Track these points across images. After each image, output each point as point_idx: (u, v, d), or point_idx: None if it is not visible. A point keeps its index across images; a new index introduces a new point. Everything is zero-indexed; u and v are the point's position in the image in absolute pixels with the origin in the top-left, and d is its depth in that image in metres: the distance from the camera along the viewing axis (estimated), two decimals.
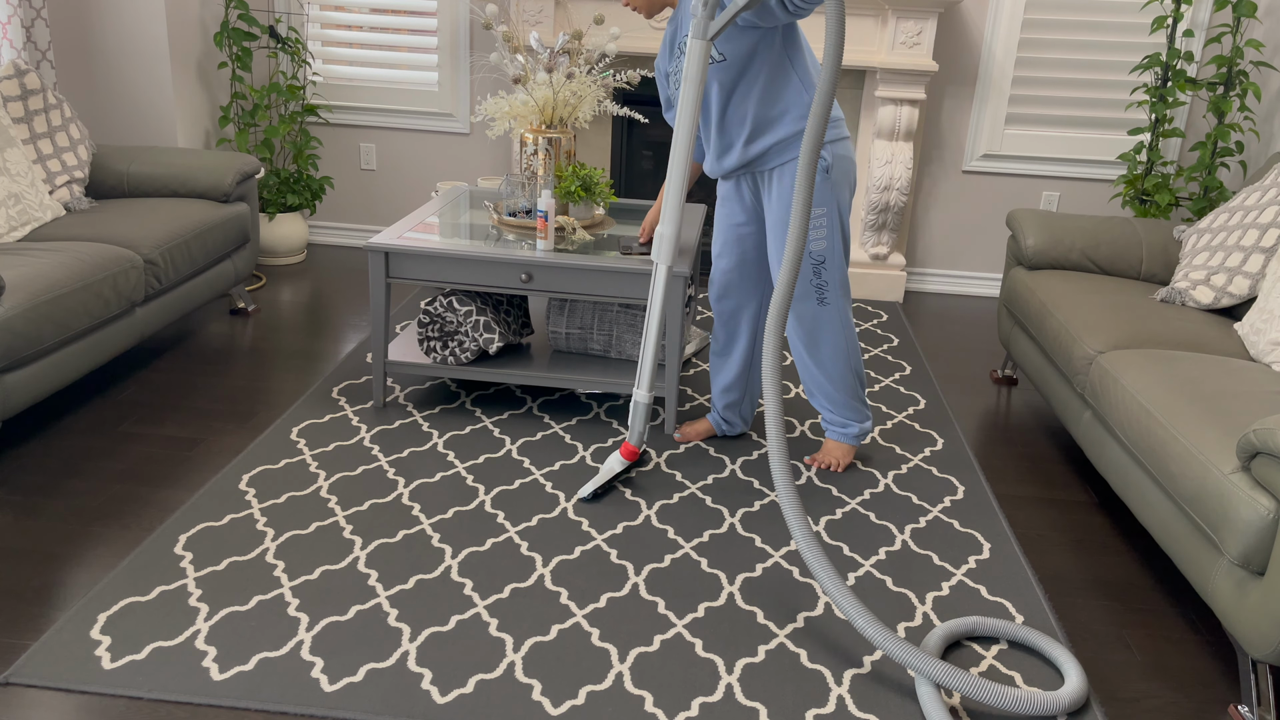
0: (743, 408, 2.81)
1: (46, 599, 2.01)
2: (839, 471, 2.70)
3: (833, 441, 2.72)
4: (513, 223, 2.99)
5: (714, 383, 2.80)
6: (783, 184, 2.44)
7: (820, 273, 2.47)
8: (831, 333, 2.54)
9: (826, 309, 2.51)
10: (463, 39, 4.37)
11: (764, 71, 2.35)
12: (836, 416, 2.67)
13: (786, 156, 2.42)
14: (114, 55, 3.95)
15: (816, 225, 2.43)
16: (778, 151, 2.42)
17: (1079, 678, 1.84)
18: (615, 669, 1.88)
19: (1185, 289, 2.83)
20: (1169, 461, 2.03)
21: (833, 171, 2.40)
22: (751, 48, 2.32)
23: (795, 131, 2.40)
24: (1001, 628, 2.01)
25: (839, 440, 2.71)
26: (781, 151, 2.42)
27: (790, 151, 2.42)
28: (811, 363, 2.59)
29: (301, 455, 2.64)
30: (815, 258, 2.45)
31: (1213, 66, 4.03)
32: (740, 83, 2.37)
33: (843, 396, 2.63)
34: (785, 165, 2.43)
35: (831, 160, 2.39)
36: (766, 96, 2.37)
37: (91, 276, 2.70)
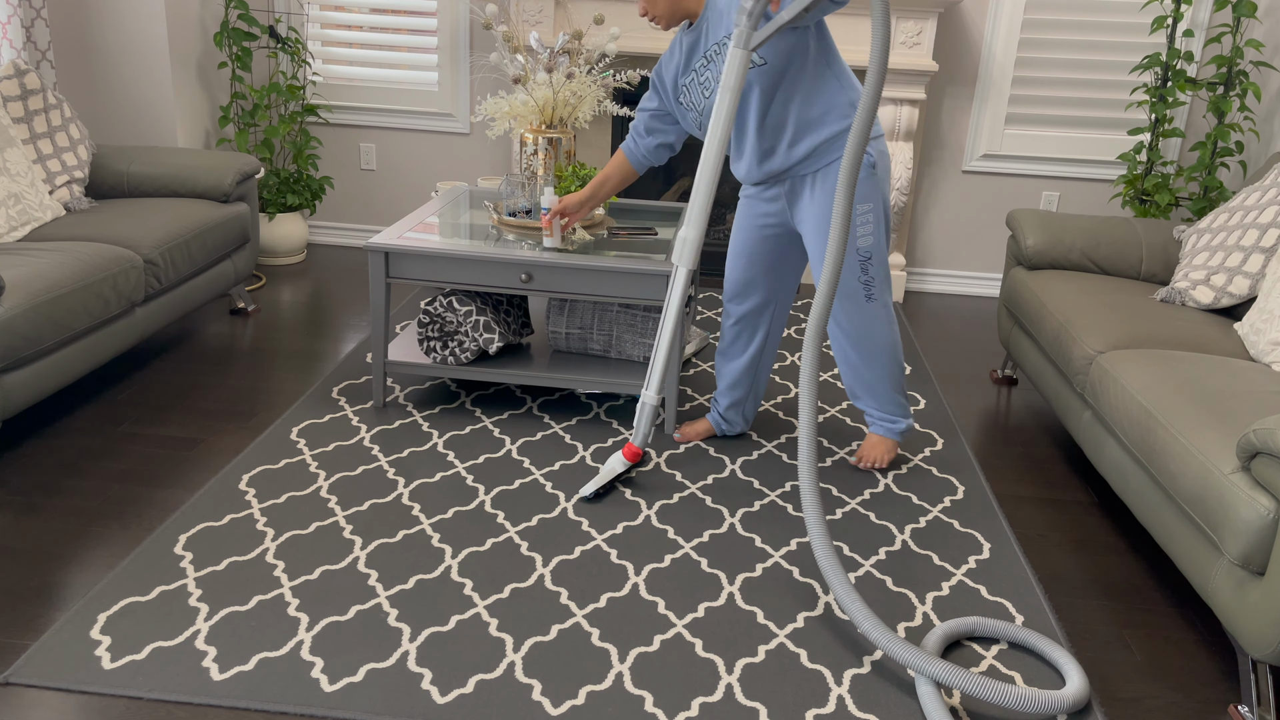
0: (746, 407, 2.81)
1: (46, 599, 2.01)
2: (883, 468, 2.71)
3: (877, 437, 2.72)
4: (513, 223, 2.99)
5: (719, 381, 2.80)
6: (826, 186, 2.43)
7: (867, 269, 2.47)
8: (879, 328, 2.54)
9: (873, 304, 2.51)
10: (463, 39, 4.38)
11: (804, 73, 2.35)
12: (883, 414, 2.68)
13: (830, 157, 2.42)
14: (114, 55, 3.95)
15: (864, 221, 2.43)
16: (821, 153, 2.42)
17: (1080, 679, 1.84)
18: (615, 669, 1.88)
19: (1185, 289, 2.83)
20: (1169, 461, 2.03)
21: (878, 167, 2.42)
22: (790, 50, 2.32)
23: (837, 131, 2.39)
24: (1002, 629, 2.01)
25: (884, 435, 2.71)
26: (825, 153, 2.42)
27: (833, 152, 2.41)
28: (860, 361, 2.59)
29: (301, 455, 2.64)
30: (862, 254, 2.46)
31: (1213, 66, 4.03)
32: (781, 86, 2.36)
33: (889, 392, 2.64)
34: (829, 167, 2.43)
35: (876, 156, 2.40)
36: (807, 98, 2.37)
37: (91, 276, 2.70)
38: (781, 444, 2.85)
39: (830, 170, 2.43)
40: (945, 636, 1.97)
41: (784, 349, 3.62)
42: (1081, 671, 1.86)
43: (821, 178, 2.44)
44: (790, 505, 2.51)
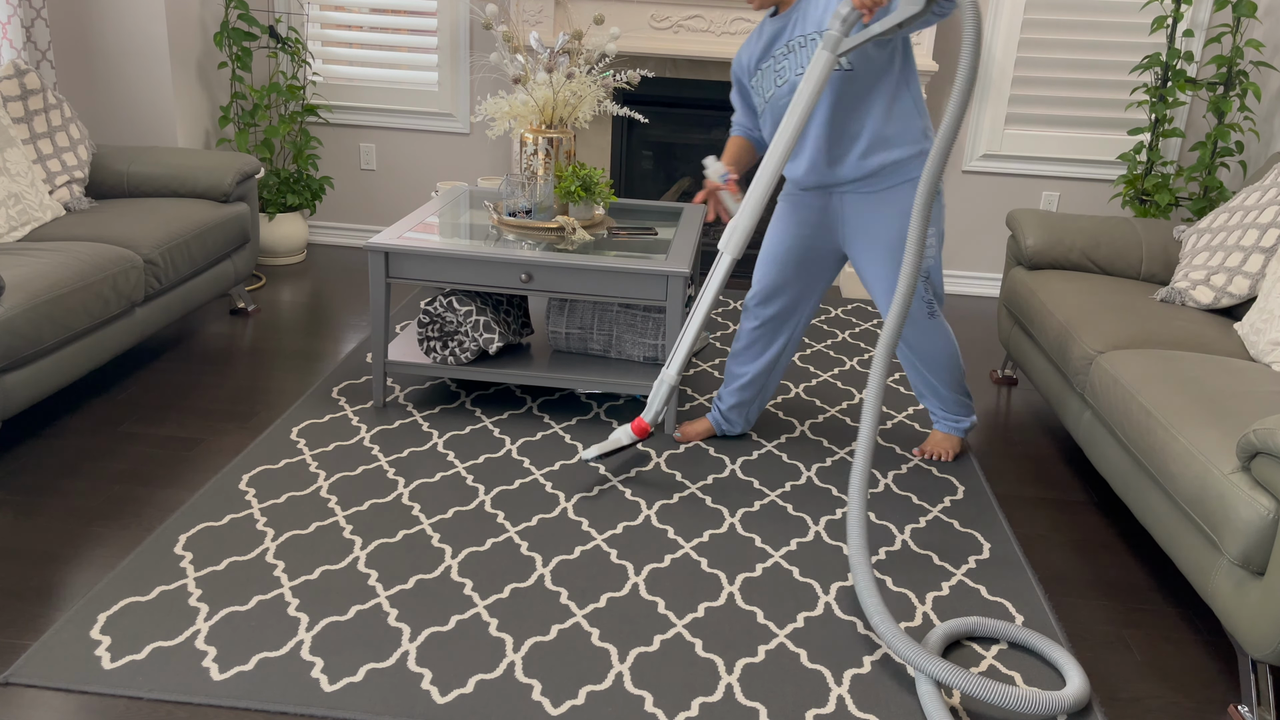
0: (751, 410, 2.82)
1: (46, 599, 2.01)
2: (948, 461, 2.79)
3: (941, 434, 2.81)
4: (513, 223, 2.99)
5: (728, 382, 2.79)
6: (887, 208, 2.46)
7: (928, 288, 2.55)
8: (940, 340, 2.63)
9: (934, 320, 2.59)
10: (463, 39, 4.38)
11: (884, 88, 2.37)
12: (947, 413, 2.78)
13: (895, 180, 2.44)
14: (114, 55, 3.95)
15: (928, 244, 2.50)
16: (889, 173, 2.43)
17: (1080, 679, 1.84)
18: (615, 669, 1.88)
19: (1185, 289, 2.83)
20: (1169, 461, 2.03)
21: (941, 193, 2.48)
22: (876, 62, 2.34)
23: (909, 155, 2.42)
24: (1002, 629, 2.01)
25: (949, 432, 2.80)
26: (892, 174, 2.43)
27: (900, 175, 2.43)
28: (927, 371, 2.68)
29: (301, 455, 2.64)
30: (924, 273, 2.52)
31: (1213, 66, 4.03)
32: (860, 95, 2.37)
33: (954, 395, 2.74)
34: (893, 189, 2.44)
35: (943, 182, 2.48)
36: (885, 114, 2.39)
37: (91, 276, 2.70)
38: (781, 444, 2.85)
39: (895, 193, 2.45)
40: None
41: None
42: (1082, 672, 1.86)
43: (886, 199, 2.46)
44: (790, 505, 2.51)
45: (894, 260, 2.49)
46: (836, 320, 3.97)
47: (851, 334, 3.82)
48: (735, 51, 4.01)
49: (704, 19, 4.03)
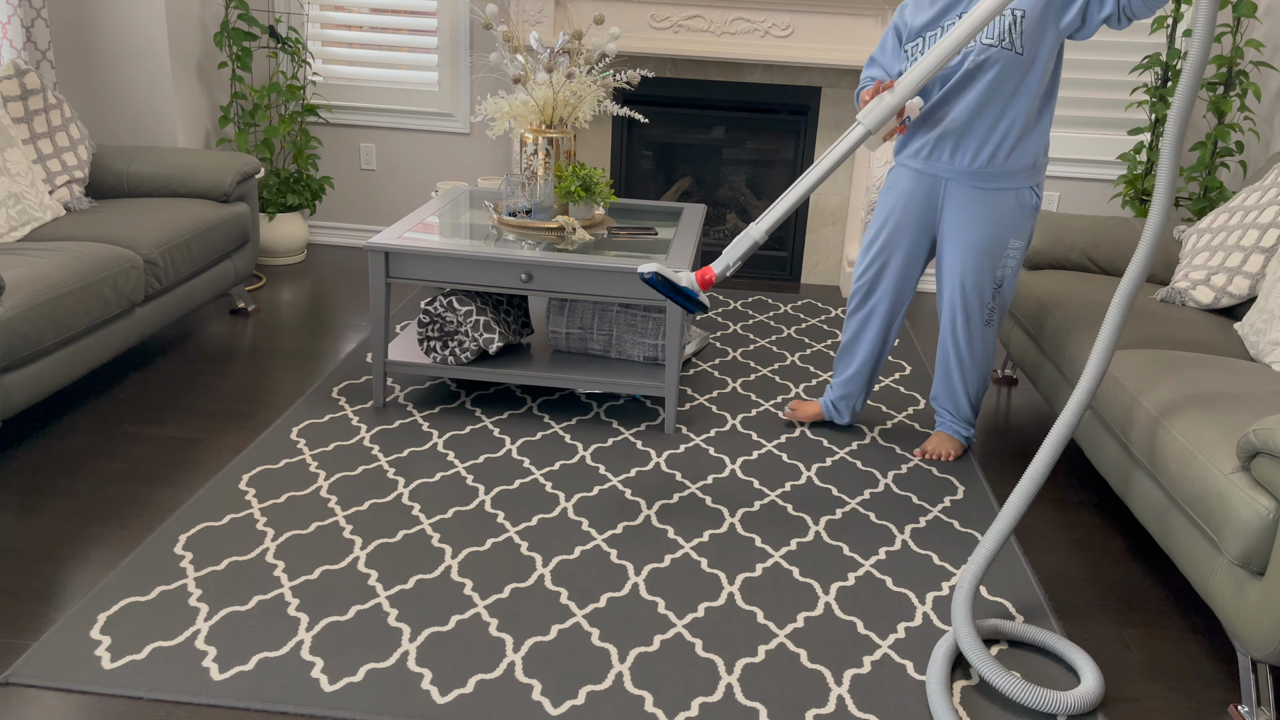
0: (856, 402, 2.92)
1: (46, 599, 2.01)
2: (948, 461, 2.79)
3: (945, 435, 2.82)
4: (513, 223, 2.99)
5: (836, 374, 2.90)
6: (994, 209, 2.51)
7: (996, 296, 2.62)
8: (984, 351, 2.70)
9: (990, 330, 2.66)
10: (463, 39, 4.38)
11: (1035, 86, 2.40)
12: (957, 421, 2.81)
13: (1007, 185, 2.50)
14: (114, 55, 3.95)
15: (1014, 254, 2.57)
16: (1004, 176, 2.49)
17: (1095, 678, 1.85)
18: (615, 669, 1.88)
19: (1185, 289, 2.83)
20: (1169, 461, 2.03)
21: (1039, 209, 2.58)
22: (1045, 54, 2.37)
23: (1026, 166, 2.48)
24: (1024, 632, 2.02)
25: (952, 435, 2.82)
26: (1006, 178, 2.49)
27: (1013, 181, 2.49)
28: (958, 375, 2.73)
29: (301, 455, 2.64)
30: (996, 281, 2.60)
31: (1213, 66, 4.03)
32: (1018, 88, 2.40)
33: (967, 407, 2.78)
34: (1001, 191, 2.50)
35: (1042, 200, 2.55)
36: (1026, 115, 2.42)
37: (91, 276, 2.70)
38: (781, 444, 2.85)
39: (999, 196, 2.50)
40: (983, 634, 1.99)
41: (780, 348, 3.62)
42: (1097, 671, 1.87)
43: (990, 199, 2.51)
44: (790, 505, 2.51)
45: (980, 263, 2.56)
46: (837, 320, 3.97)
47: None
48: (735, 51, 4.02)
49: (704, 19, 4.03)
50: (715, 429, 2.92)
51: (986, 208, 2.51)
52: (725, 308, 4.04)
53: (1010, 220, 2.52)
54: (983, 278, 2.58)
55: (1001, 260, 2.56)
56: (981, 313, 2.62)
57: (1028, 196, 2.51)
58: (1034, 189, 2.52)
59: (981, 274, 2.57)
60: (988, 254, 2.55)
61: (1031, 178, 2.50)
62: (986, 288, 2.59)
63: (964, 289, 2.60)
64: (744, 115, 4.32)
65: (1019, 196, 2.50)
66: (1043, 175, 2.53)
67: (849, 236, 4.38)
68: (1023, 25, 2.33)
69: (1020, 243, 2.56)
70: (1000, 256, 2.56)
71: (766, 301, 4.15)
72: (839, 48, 4.04)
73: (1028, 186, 2.51)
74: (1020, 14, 2.33)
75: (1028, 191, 2.51)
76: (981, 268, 2.56)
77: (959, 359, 2.70)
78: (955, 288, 2.61)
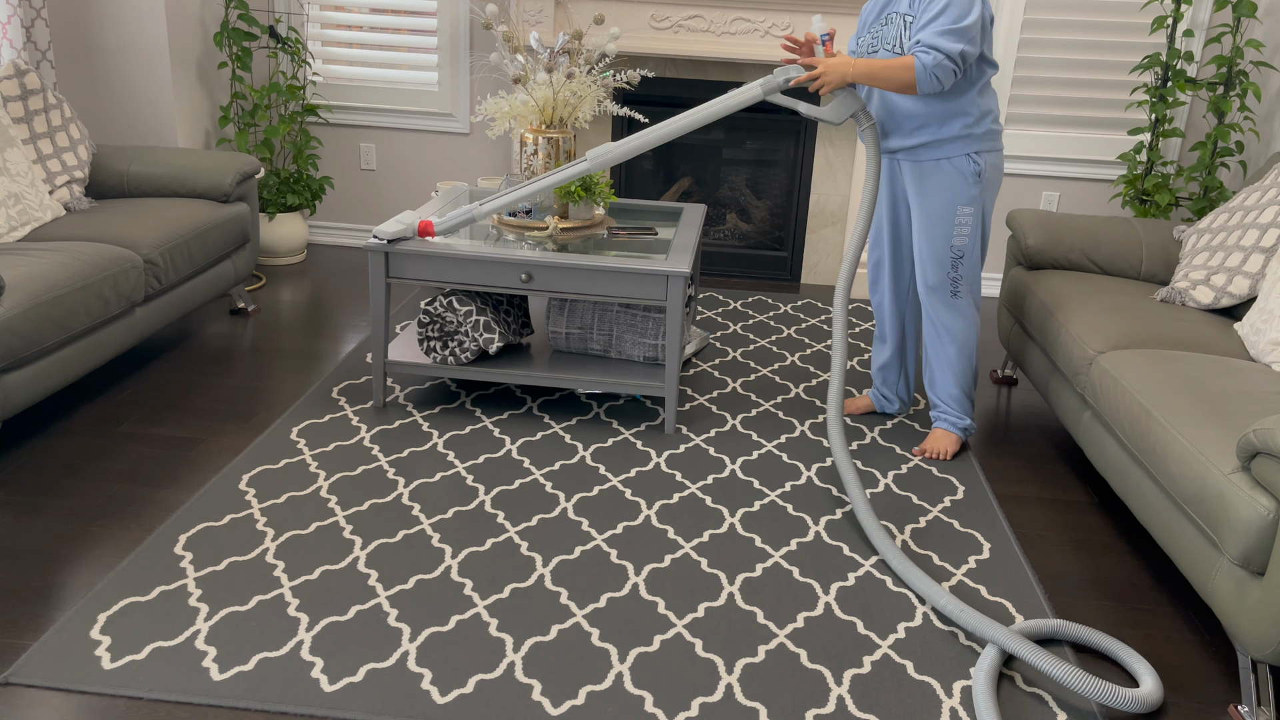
0: (899, 388, 3.02)
1: (46, 599, 2.01)
2: (946, 460, 2.80)
3: (941, 431, 2.84)
4: (513, 223, 2.99)
5: (874, 364, 3.03)
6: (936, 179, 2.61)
7: (958, 266, 2.67)
8: (958, 324, 2.72)
9: (959, 302, 2.70)
10: (463, 39, 4.37)
11: None
12: (950, 409, 2.82)
13: (940, 155, 2.59)
14: (114, 55, 3.95)
15: (962, 222, 2.63)
16: (934, 148, 2.59)
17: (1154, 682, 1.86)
18: (615, 669, 1.88)
19: (1185, 289, 2.83)
20: (1169, 461, 2.03)
21: (983, 176, 2.61)
22: None
23: (953, 136, 2.57)
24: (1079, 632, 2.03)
25: (948, 430, 2.83)
26: (936, 149, 2.59)
27: (944, 151, 2.59)
28: (935, 352, 2.78)
29: (301, 455, 2.64)
30: (955, 252, 2.66)
31: (1213, 66, 4.03)
32: None
33: (958, 390, 2.79)
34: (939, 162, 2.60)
35: (984, 167, 2.60)
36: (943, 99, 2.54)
37: (91, 276, 2.70)
38: (781, 444, 2.85)
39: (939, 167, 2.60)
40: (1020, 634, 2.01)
41: (780, 348, 3.62)
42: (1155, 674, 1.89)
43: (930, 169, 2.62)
44: (790, 505, 2.51)
45: (932, 231, 2.64)
46: None
47: (851, 334, 3.82)
48: (735, 51, 4.02)
49: (704, 19, 4.03)
50: (715, 429, 2.92)
51: (927, 177, 2.62)
52: (725, 308, 4.04)
53: (952, 188, 2.60)
54: (937, 245, 2.64)
55: (955, 229, 2.63)
56: (947, 285, 2.68)
57: (964, 164, 2.58)
58: (971, 156, 2.58)
59: (935, 242, 2.64)
60: (937, 222, 2.63)
61: (966, 146, 2.57)
62: (945, 257, 2.65)
63: (923, 260, 2.68)
64: (744, 115, 4.32)
65: (955, 165, 2.58)
66: (983, 145, 2.59)
67: (849, 236, 4.38)
68: (912, 29, 2.48)
69: (970, 210, 2.62)
70: (952, 224, 2.62)
71: (766, 301, 4.15)
72: (839, 48, 4.04)
73: (963, 154, 2.58)
74: (910, 19, 2.49)
75: (964, 159, 2.58)
76: (933, 235, 2.64)
77: (936, 336, 2.75)
78: (919, 263, 2.70)
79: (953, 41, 2.40)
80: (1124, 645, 1.99)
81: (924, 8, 2.45)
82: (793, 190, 4.40)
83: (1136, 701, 1.79)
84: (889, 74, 2.46)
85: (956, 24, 2.41)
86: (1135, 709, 1.79)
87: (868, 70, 2.47)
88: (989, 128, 2.60)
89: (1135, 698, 1.79)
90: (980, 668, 1.87)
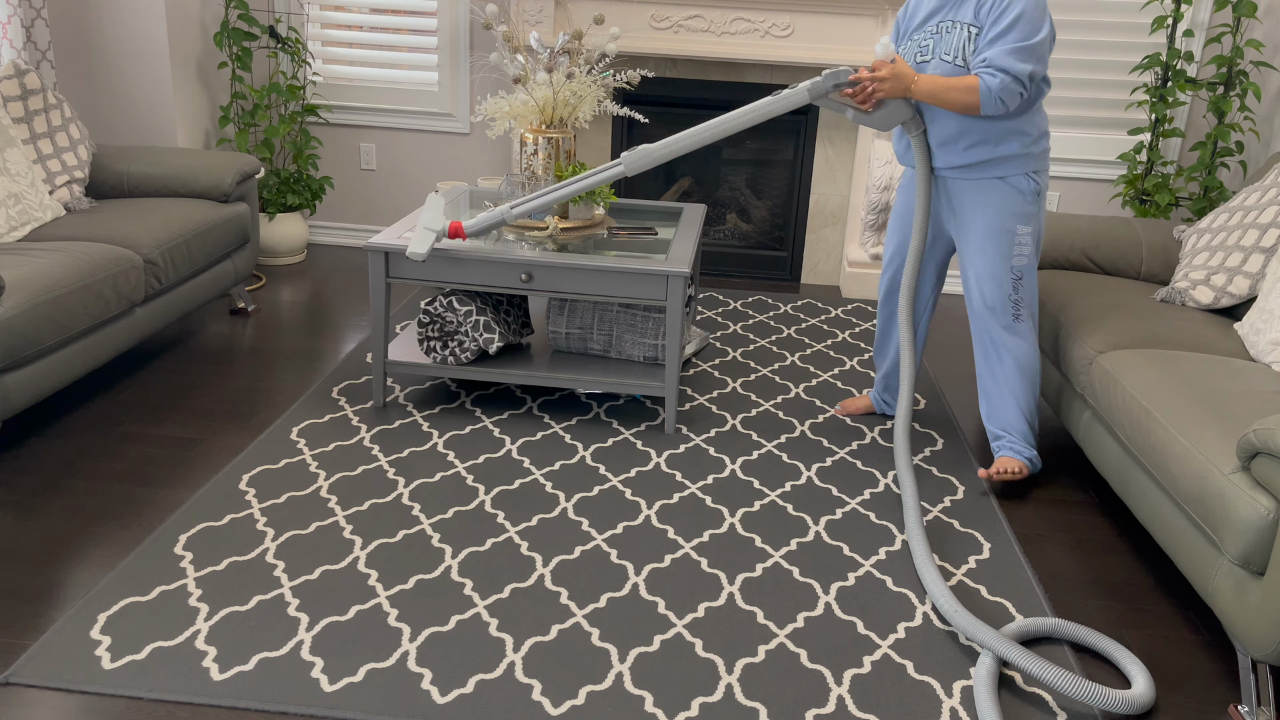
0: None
1: (46, 599, 2.01)
2: (1022, 476, 2.61)
3: (1008, 456, 2.63)
4: (513, 223, 2.98)
5: (877, 369, 3.00)
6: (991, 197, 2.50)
7: (1018, 288, 2.55)
8: (1021, 348, 2.58)
9: (1020, 325, 2.57)
10: (463, 39, 4.38)
11: None
12: (1014, 440, 2.63)
13: (995, 174, 2.49)
14: (114, 55, 3.95)
15: (1021, 242, 2.52)
16: (990, 166, 2.49)
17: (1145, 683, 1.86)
18: (615, 669, 1.88)
19: (1185, 289, 2.83)
20: (1169, 461, 2.03)
21: (1040, 196, 2.52)
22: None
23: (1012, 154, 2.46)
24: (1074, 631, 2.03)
25: (1013, 456, 2.63)
26: (993, 167, 2.48)
27: (1001, 170, 2.48)
28: (994, 380, 2.62)
29: (301, 455, 2.64)
30: (1015, 273, 2.54)
31: (1213, 66, 4.03)
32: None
33: (1023, 422, 2.61)
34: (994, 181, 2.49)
35: (1042, 186, 2.51)
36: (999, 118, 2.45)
37: (91, 276, 2.70)
38: (781, 444, 2.85)
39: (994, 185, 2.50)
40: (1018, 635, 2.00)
41: (780, 348, 3.62)
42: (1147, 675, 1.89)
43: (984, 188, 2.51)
44: (790, 505, 2.51)
45: (987, 250, 2.53)
46: (836, 320, 3.97)
47: (851, 334, 3.82)
48: (735, 51, 4.02)
49: (704, 19, 4.03)
50: (715, 429, 2.93)
51: (984, 195, 2.51)
52: (725, 308, 4.04)
53: (1010, 207, 2.49)
54: (995, 265, 2.53)
55: (1015, 249, 2.52)
56: (1005, 308, 2.55)
57: (1023, 182, 2.48)
58: (1030, 175, 2.49)
59: (992, 262, 2.53)
60: (995, 241, 2.51)
61: (1024, 165, 2.48)
62: (1005, 279, 2.53)
63: (980, 282, 2.56)
64: None
65: (1013, 183, 2.48)
66: (1040, 163, 2.50)
67: (849, 236, 4.38)
68: (976, 42, 2.37)
69: (1029, 229, 2.52)
70: (1011, 245, 2.51)
71: (766, 301, 4.15)
72: (839, 48, 4.04)
73: (1021, 173, 2.48)
74: (975, 30, 2.37)
75: (1022, 178, 2.48)
76: (990, 255, 2.53)
77: (997, 366, 2.59)
78: (974, 287, 2.58)
79: (1021, 61, 2.29)
80: (1119, 645, 1.98)
81: (991, 20, 2.33)
82: (793, 190, 4.40)
83: (1126, 703, 1.79)
84: (951, 95, 2.36)
85: (1025, 41, 2.30)
86: (1125, 710, 1.79)
87: (930, 90, 2.37)
88: (1045, 146, 2.51)
89: (1125, 699, 1.79)
90: (980, 668, 1.87)
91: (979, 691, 1.81)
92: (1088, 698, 1.77)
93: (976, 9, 2.38)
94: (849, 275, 4.30)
